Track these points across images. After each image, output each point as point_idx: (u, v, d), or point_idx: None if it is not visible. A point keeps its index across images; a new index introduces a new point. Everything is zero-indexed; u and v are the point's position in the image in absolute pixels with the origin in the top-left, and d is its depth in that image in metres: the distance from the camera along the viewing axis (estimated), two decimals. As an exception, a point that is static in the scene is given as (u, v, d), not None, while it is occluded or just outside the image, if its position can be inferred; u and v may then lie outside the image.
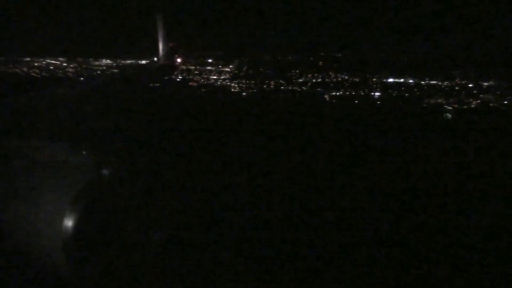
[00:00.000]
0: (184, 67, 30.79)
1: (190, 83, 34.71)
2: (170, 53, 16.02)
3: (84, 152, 4.24)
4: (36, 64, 37.35)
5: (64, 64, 35.87)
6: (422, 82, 29.95)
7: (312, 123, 23.02)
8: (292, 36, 32.64)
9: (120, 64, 33.44)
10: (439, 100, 27.59)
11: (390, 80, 31.03)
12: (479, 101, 26.16)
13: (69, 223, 3.25)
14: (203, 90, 30.61)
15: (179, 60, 17.23)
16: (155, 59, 15.86)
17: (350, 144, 21.37)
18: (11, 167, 3.57)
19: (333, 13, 31.30)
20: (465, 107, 25.52)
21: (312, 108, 28.35)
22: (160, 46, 15.64)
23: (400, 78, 30.82)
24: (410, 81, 30.57)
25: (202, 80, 33.03)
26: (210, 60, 34.44)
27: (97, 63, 34.78)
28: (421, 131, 24.23)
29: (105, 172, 3.83)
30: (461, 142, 23.24)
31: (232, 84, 31.81)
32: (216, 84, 32.03)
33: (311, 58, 33.37)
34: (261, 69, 33.67)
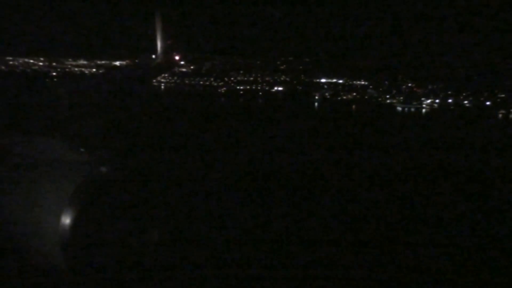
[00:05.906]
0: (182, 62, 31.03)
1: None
2: (168, 51, 16.05)
3: (82, 150, 4.21)
4: (10, 62, 37.33)
5: (40, 64, 36.48)
6: (334, 81, 34.65)
7: (197, 110, 27.72)
8: (273, 43, 36.42)
9: (94, 64, 34.78)
10: (326, 94, 32.68)
11: (323, 80, 35.63)
12: (355, 94, 31.41)
13: (67, 220, 3.24)
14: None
15: (177, 57, 17.39)
16: (153, 56, 15.72)
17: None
18: (8, 164, 3.55)
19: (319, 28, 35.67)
20: (339, 98, 30.75)
21: (207, 98, 33.10)
22: (158, 44, 15.51)
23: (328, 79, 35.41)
24: (323, 80, 35.33)
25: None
26: (182, 63, 38.08)
27: (73, 63, 35.97)
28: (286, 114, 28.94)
29: (103, 169, 3.81)
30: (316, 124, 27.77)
31: (171, 81, 36.33)
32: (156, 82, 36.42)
33: (278, 62, 36.24)
34: (230, 72, 36.48)
